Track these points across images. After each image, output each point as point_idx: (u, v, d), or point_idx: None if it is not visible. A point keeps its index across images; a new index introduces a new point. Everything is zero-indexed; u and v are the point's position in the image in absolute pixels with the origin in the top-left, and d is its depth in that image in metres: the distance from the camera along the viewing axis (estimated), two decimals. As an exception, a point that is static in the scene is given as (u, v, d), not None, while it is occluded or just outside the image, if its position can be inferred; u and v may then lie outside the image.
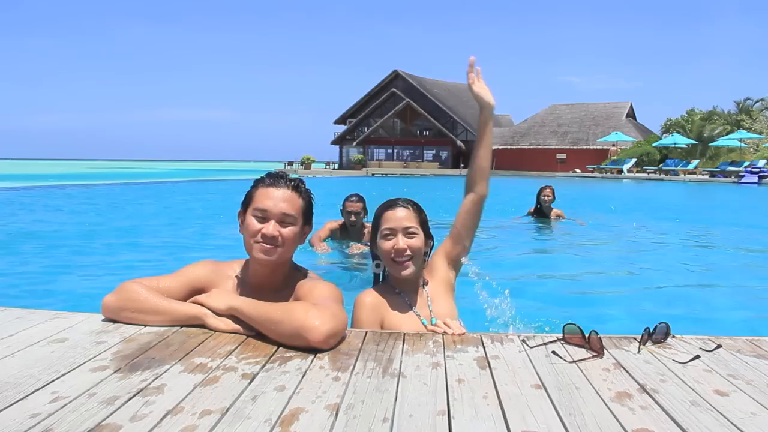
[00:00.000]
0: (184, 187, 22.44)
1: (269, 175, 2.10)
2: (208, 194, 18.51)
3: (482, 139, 2.38)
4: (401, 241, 2.14)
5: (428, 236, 2.26)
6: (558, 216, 8.81)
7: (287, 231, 2.04)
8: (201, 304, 2.01)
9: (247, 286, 2.13)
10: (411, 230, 2.16)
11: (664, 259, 6.59)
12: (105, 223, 9.38)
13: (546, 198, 8.72)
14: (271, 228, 2.01)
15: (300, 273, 2.18)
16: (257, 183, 2.10)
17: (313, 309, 1.84)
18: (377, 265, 2.32)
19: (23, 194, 16.01)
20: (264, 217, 2.03)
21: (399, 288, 2.24)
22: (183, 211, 12.19)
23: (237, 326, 1.93)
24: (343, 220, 5.73)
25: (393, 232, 2.16)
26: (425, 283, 2.29)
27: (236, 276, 2.16)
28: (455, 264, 2.37)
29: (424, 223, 2.24)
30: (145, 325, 1.99)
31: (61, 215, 10.82)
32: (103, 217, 10.63)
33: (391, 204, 2.24)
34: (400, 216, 2.18)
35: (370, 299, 2.18)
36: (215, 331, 1.96)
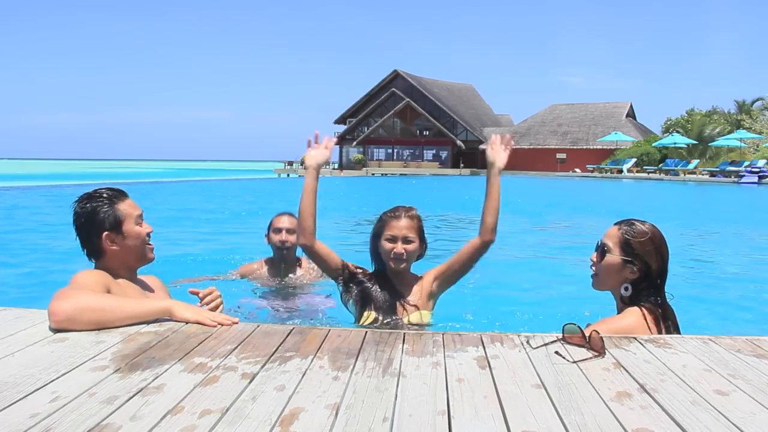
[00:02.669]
0: (182, 187, 22.43)
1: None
2: (207, 194, 18.51)
3: (487, 195, 2.65)
4: (400, 247, 2.60)
5: (422, 241, 2.69)
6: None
7: None
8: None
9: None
10: (409, 238, 2.61)
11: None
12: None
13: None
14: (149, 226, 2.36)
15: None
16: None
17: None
18: None
19: (22, 194, 16.00)
20: None
21: (392, 277, 2.71)
22: (181, 211, 12.19)
23: (203, 315, 2.08)
24: (264, 259, 4.07)
25: (394, 239, 2.60)
26: (414, 279, 2.72)
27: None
28: (442, 283, 2.73)
29: (420, 230, 2.67)
30: (107, 327, 1.95)
31: (60, 215, 10.82)
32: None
33: (396, 214, 2.65)
34: (402, 225, 2.62)
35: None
36: (213, 330, 1.98)
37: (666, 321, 2.19)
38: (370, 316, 2.59)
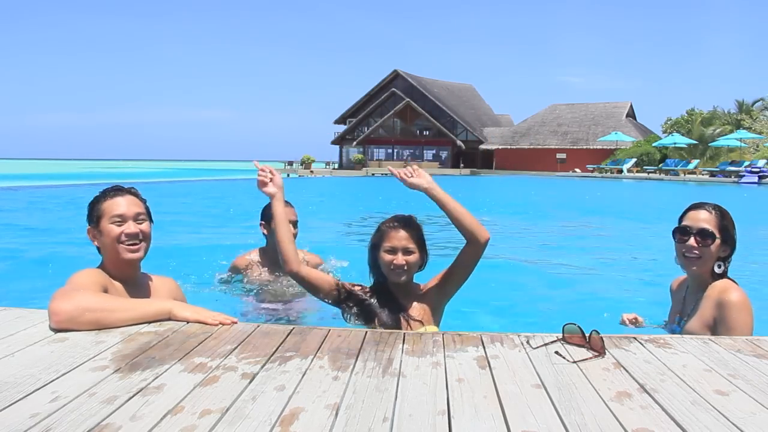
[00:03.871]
0: (182, 187, 22.42)
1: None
2: (206, 194, 18.51)
3: (448, 212, 2.49)
4: (400, 258, 2.47)
5: (423, 251, 2.55)
6: None
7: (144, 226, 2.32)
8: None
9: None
10: (409, 249, 2.49)
11: (664, 259, 6.58)
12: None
13: None
14: (132, 227, 2.28)
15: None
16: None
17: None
18: None
19: (21, 194, 16.00)
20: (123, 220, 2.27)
21: (393, 290, 2.57)
22: (179, 212, 12.18)
23: (204, 314, 2.09)
24: (258, 249, 3.91)
25: (394, 250, 2.48)
26: (417, 291, 2.59)
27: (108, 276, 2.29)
28: (446, 292, 2.60)
29: (420, 240, 2.53)
30: (107, 328, 1.96)
31: (60, 215, 10.82)
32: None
33: (395, 224, 2.52)
34: (402, 236, 2.49)
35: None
36: (213, 330, 1.99)
37: None
38: None
